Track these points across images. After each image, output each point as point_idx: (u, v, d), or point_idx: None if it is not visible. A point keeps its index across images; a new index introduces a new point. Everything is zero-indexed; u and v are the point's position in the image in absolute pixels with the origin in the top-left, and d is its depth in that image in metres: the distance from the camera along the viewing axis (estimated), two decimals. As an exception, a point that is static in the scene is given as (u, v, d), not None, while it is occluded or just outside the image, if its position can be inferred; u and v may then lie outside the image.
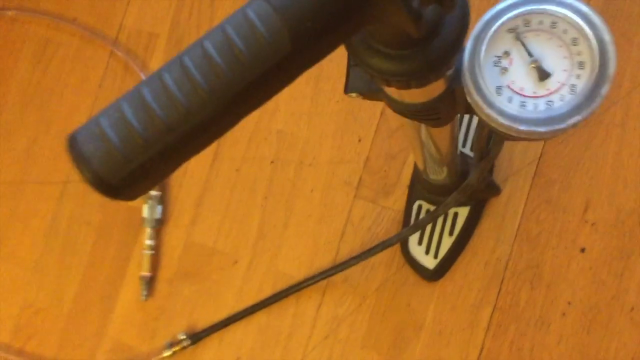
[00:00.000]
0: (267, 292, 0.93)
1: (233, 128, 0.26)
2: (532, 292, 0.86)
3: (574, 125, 0.35)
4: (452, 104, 0.41)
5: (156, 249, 0.97)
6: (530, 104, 0.36)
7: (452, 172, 0.73)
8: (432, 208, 0.89)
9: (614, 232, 0.85)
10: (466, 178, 0.60)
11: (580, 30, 0.36)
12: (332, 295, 0.92)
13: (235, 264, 0.95)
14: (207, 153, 0.90)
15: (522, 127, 0.36)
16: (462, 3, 0.31)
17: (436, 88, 0.38)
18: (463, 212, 0.88)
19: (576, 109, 0.35)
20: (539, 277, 0.87)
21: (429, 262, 0.88)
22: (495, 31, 0.37)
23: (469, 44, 0.37)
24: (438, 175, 0.72)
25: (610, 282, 0.85)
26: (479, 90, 0.36)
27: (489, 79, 0.37)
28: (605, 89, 0.34)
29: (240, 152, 0.97)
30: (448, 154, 0.63)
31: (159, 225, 0.97)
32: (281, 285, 0.93)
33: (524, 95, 0.37)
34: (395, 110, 0.41)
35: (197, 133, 0.24)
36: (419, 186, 0.88)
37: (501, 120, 0.36)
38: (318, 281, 0.91)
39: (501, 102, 0.36)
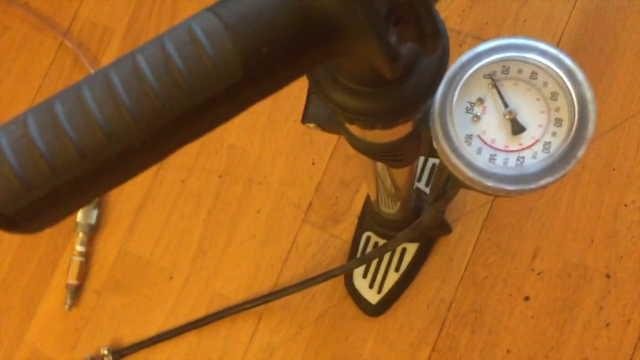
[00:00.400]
0: (200, 312, 0.89)
1: (166, 157, 0.22)
2: (472, 337, 0.84)
3: (544, 187, 0.33)
4: (417, 147, 0.38)
5: (87, 257, 0.90)
6: (500, 158, 0.34)
7: (406, 208, 0.70)
8: (381, 241, 0.86)
9: (559, 284, 0.84)
10: (419, 215, 0.57)
11: (561, 84, 0.33)
12: (269, 322, 0.87)
13: (170, 280, 0.90)
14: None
15: (489, 183, 0.33)
16: (443, 42, 0.28)
17: (402, 129, 0.35)
18: (411, 248, 0.86)
19: (548, 169, 0.32)
20: (481, 322, 0.85)
21: (372, 297, 0.85)
22: (471, 75, 0.34)
23: (441, 86, 0.34)
24: (390, 209, 0.69)
25: (551, 333, 0.83)
26: (447, 137, 0.34)
27: (459, 126, 0.34)
28: (581, 152, 0.32)
29: (188, 163, 0.92)
30: (404, 190, 0.60)
31: (93, 231, 0.91)
32: (216, 306, 0.88)
33: (495, 148, 0.34)
34: (354, 148, 0.38)
35: (119, 162, 0.20)
36: (369, 217, 0.86)
37: (468, 173, 0.33)
38: (255, 306, 0.86)
39: (470, 152, 0.34)
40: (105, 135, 0.19)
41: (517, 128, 0.33)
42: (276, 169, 0.90)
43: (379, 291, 0.86)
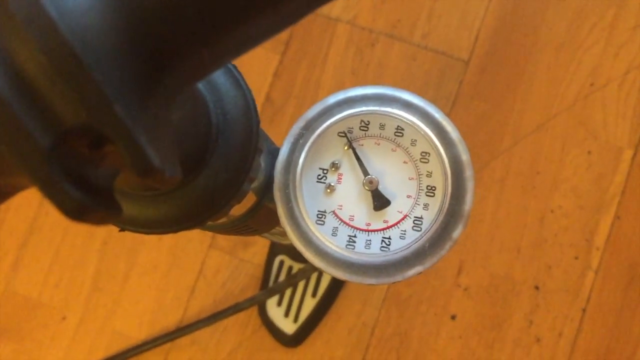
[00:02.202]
0: (99, 354, 0.80)
1: None
2: (398, 362, 0.78)
3: (413, 276, 0.25)
4: (269, 217, 0.30)
5: (-35, 300, 0.80)
6: (361, 241, 0.26)
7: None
8: (295, 264, 0.79)
9: (487, 299, 0.79)
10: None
11: (431, 142, 0.26)
12: (177, 360, 0.79)
13: (63, 320, 0.80)
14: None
15: (345, 276, 0.25)
16: (242, 111, 0.20)
17: (241, 205, 0.27)
18: (328, 271, 0.79)
19: (418, 255, 0.25)
20: (407, 345, 0.79)
21: (288, 327, 0.78)
22: (321, 134, 0.26)
23: (284, 148, 0.27)
24: (288, 240, 0.62)
25: (480, 353, 0.78)
26: (291, 217, 0.26)
27: (308, 200, 0.26)
28: (457, 232, 0.25)
29: (78, 187, 0.82)
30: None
31: (-30, 272, 0.80)
32: (117, 347, 0.80)
33: (354, 227, 0.26)
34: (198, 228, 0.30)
35: None
36: (280, 241, 0.78)
37: (318, 262, 0.26)
38: (161, 344, 0.78)
39: (323, 234, 0.26)
40: None
41: (379, 202, 0.26)
42: (176, 191, 0.82)
43: (296, 320, 0.79)
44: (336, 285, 0.79)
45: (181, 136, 0.18)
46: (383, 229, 0.26)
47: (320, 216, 0.27)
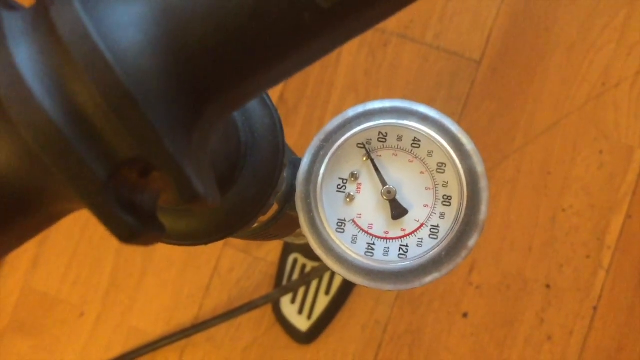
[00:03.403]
0: (116, 350, 0.81)
1: None
2: (410, 359, 0.79)
3: (430, 282, 0.26)
4: (288, 225, 0.31)
5: (-14, 297, 0.82)
6: (379, 249, 0.27)
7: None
8: (309, 263, 0.80)
9: (499, 297, 0.80)
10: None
11: (447, 154, 0.27)
12: (192, 356, 0.81)
13: (81, 317, 0.82)
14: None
15: (364, 283, 0.26)
16: (269, 129, 0.21)
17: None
18: (341, 269, 0.80)
19: (435, 263, 0.26)
20: (419, 342, 0.80)
21: (302, 324, 0.79)
22: (341, 146, 0.28)
23: (305, 161, 0.28)
24: (300, 240, 0.63)
25: (492, 350, 0.79)
26: (312, 225, 0.27)
27: (329, 209, 0.27)
28: (473, 241, 0.26)
29: (95, 187, 0.84)
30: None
31: (-9, 269, 0.82)
32: (134, 343, 0.81)
33: (373, 235, 0.27)
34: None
35: None
36: (294, 239, 0.79)
37: (338, 269, 0.27)
38: (177, 340, 0.80)
39: (343, 242, 0.27)
40: None
41: (397, 211, 0.27)
42: (191, 190, 0.83)
43: (309, 317, 0.80)
44: (349, 283, 0.80)
45: (215, 156, 0.19)
46: (401, 237, 0.27)
47: (340, 224, 0.28)
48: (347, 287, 0.80)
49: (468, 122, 0.82)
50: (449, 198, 0.27)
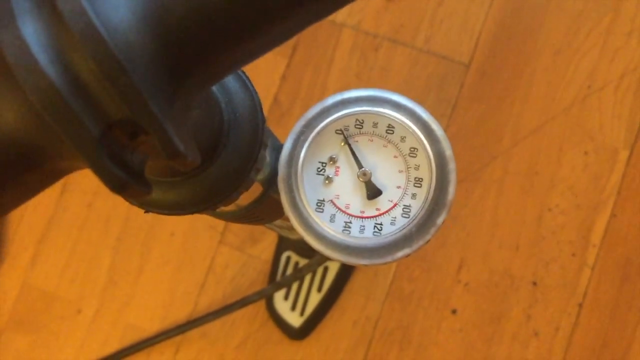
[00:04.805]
0: (113, 346, 0.83)
1: None
2: (400, 354, 0.81)
3: (400, 259, 0.29)
4: (274, 206, 0.33)
5: (-15, 294, 0.84)
6: (355, 227, 0.29)
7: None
8: (302, 260, 0.82)
9: (487, 294, 0.82)
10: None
11: (418, 139, 0.29)
12: (187, 352, 0.83)
13: (78, 313, 0.84)
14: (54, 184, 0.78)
15: (341, 258, 0.29)
16: (250, 110, 0.23)
17: (247, 196, 0.30)
18: (334, 266, 0.82)
19: (407, 239, 0.28)
20: (409, 338, 0.81)
21: (295, 320, 0.81)
22: (320, 131, 0.30)
23: (287, 145, 0.30)
24: (295, 235, 0.65)
25: (480, 346, 0.81)
26: (293, 205, 0.29)
27: (309, 190, 0.29)
28: (441, 219, 0.28)
29: (94, 185, 0.86)
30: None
31: (-9, 266, 0.84)
32: (130, 339, 0.83)
33: (350, 214, 0.30)
34: (209, 215, 0.33)
35: None
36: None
37: (317, 245, 0.29)
38: (172, 336, 0.81)
39: (322, 220, 0.29)
40: None
41: (372, 192, 0.29)
42: (187, 189, 0.85)
43: (302, 313, 0.82)
44: (341, 280, 0.82)
45: (199, 130, 0.21)
46: (375, 216, 0.29)
47: (319, 204, 0.30)
48: (339, 285, 0.82)
49: (457, 123, 0.85)
50: (420, 180, 0.29)
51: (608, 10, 0.86)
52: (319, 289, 0.82)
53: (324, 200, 0.30)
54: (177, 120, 0.16)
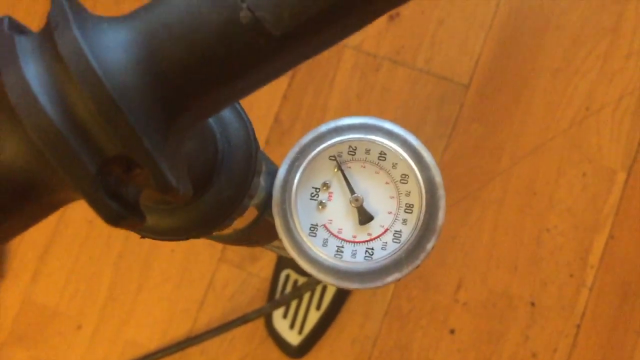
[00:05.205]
0: (112, 362, 0.83)
1: None
2: (398, 374, 0.81)
3: (391, 282, 0.29)
4: (267, 230, 0.34)
5: (-13, 309, 0.84)
6: (347, 251, 0.30)
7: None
8: (301, 279, 0.83)
9: (485, 314, 0.82)
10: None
11: (409, 166, 0.30)
12: (186, 369, 0.83)
13: (78, 329, 0.84)
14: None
15: (333, 282, 0.29)
16: (243, 139, 0.24)
17: (244, 217, 0.31)
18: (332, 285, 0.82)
19: (397, 264, 0.29)
20: (407, 357, 0.82)
21: (293, 338, 0.82)
22: (314, 158, 0.31)
23: (282, 170, 0.31)
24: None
25: (478, 366, 0.81)
26: (287, 229, 0.30)
27: (302, 215, 0.30)
28: (431, 244, 0.29)
29: (96, 203, 0.87)
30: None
31: (-7, 281, 0.85)
32: (130, 355, 0.83)
33: (342, 239, 0.30)
34: (204, 237, 0.34)
35: None
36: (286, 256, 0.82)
37: (310, 269, 0.29)
38: (171, 353, 0.82)
39: (315, 245, 0.30)
40: None
41: (364, 217, 0.30)
42: (188, 207, 0.86)
43: (300, 331, 0.82)
44: (339, 299, 0.83)
45: (194, 160, 0.22)
46: (367, 241, 0.30)
47: (312, 229, 0.30)
48: (337, 303, 0.83)
49: (456, 143, 0.85)
50: (411, 206, 0.30)
51: (606, 33, 0.87)
52: (318, 307, 0.82)
53: (317, 225, 0.31)
54: (171, 155, 0.17)
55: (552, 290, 0.82)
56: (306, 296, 0.83)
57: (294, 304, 0.82)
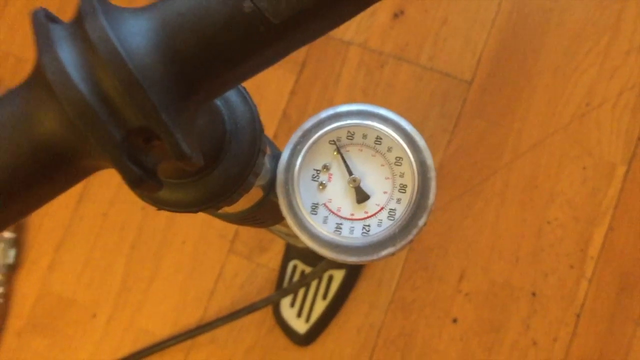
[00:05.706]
0: (126, 349, 0.86)
1: None
2: (402, 361, 0.84)
3: (385, 257, 0.32)
4: (273, 211, 0.37)
5: (6, 298, 0.88)
6: (346, 228, 0.33)
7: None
8: (308, 269, 0.85)
9: (486, 304, 0.84)
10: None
11: (403, 149, 0.32)
12: (197, 357, 0.86)
13: (93, 317, 0.87)
14: (71, 193, 0.83)
15: (333, 255, 0.32)
16: (249, 121, 0.27)
17: (249, 198, 0.34)
18: (338, 275, 0.85)
19: (391, 239, 0.32)
20: (411, 346, 0.84)
21: (300, 326, 0.84)
22: (315, 141, 0.33)
23: (285, 154, 0.33)
24: (301, 243, 0.68)
25: (480, 355, 0.83)
26: (290, 207, 0.32)
27: (304, 194, 0.33)
28: (422, 220, 0.31)
29: (109, 195, 0.90)
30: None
31: (11, 271, 0.88)
32: (142, 343, 0.86)
33: (341, 217, 0.33)
34: (213, 216, 0.36)
35: None
36: (293, 247, 0.84)
37: (311, 244, 0.32)
38: (182, 341, 0.85)
39: (316, 222, 0.33)
40: None
41: (361, 196, 0.32)
42: (199, 199, 0.89)
43: (307, 320, 0.84)
44: (346, 288, 0.85)
45: (204, 138, 0.25)
46: (364, 218, 0.33)
47: (314, 207, 0.33)
48: (343, 292, 0.85)
49: (459, 138, 0.88)
50: (405, 186, 0.33)
51: (607, 30, 0.89)
52: (324, 297, 0.85)
53: (318, 204, 0.33)
54: (185, 128, 0.20)
55: (552, 281, 0.84)
56: (313, 286, 0.85)
57: (301, 293, 0.85)
